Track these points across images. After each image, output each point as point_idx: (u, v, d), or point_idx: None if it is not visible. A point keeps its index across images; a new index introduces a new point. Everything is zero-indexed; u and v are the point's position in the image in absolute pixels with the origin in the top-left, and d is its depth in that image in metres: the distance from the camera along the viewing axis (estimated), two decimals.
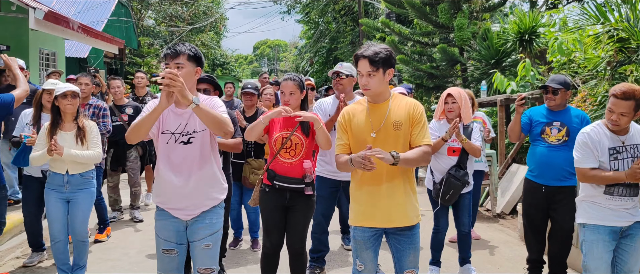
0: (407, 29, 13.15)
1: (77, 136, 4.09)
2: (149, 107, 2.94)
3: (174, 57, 2.85)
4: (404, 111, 2.94)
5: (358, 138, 2.95)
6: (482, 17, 11.98)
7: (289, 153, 3.63)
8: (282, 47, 69.74)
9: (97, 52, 16.40)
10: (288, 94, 3.70)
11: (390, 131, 2.91)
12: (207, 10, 29.35)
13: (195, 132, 2.92)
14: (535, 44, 9.29)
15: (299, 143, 3.63)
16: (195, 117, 2.90)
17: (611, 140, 3.19)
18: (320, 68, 30.91)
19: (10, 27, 10.12)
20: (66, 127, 4.11)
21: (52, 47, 12.38)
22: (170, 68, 2.80)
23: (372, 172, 2.79)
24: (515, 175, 7.13)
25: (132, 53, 21.38)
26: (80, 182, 4.15)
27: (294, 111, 3.66)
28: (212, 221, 3.00)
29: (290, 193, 3.66)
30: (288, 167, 3.63)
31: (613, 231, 3.21)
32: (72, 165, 4.10)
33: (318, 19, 31.46)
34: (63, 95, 4.05)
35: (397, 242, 3.01)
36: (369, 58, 2.83)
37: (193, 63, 2.90)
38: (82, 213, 4.18)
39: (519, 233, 5.91)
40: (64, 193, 4.12)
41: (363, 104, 3.03)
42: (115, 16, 18.02)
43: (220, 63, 37.60)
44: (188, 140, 2.91)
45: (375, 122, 2.94)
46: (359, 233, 3.01)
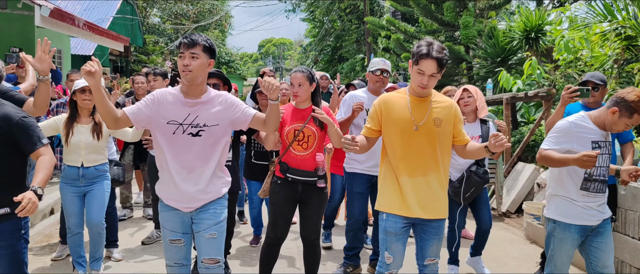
0: (412, 27, 13.11)
1: (93, 130, 4.15)
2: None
3: (190, 46, 2.83)
4: (443, 110, 3.00)
5: (398, 128, 2.99)
6: (488, 15, 11.92)
7: (302, 145, 3.63)
8: (287, 45, 69.80)
9: (103, 49, 16.45)
10: (297, 85, 3.67)
11: (431, 127, 2.96)
12: (212, 9, 29.41)
13: (205, 126, 2.90)
14: (541, 42, 9.22)
15: (311, 135, 3.64)
16: (207, 111, 2.90)
17: (596, 134, 3.17)
18: (325, 66, 30.90)
19: (17, 24, 10.16)
20: (83, 121, 4.18)
21: (58, 44, 12.42)
22: (184, 57, 2.82)
23: (412, 163, 2.94)
24: (521, 173, 7.10)
25: (138, 51, 21.44)
26: (95, 175, 4.21)
27: (302, 103, 3.69)
28: (216, 210, 3.00)
29: (303, 186, 3.67)
30: (301, 160, 3.63)
31: (583, 229, 3.22)
32: (87, 158, 4.15)
33: (323, 18, 31.46)
34: (81, 90, 4.10)
35: (423, 232, 3.05)
36: (439, 61, 2.83)
37: (207, 54, 2.88)
38: (98, 205, 4.22)
39: (525, 232, 5.88)
40: (79, 187, 4.17)
41: (403, 95, 3.05)
42: (121, 14, 18.06)
43: (225, 61, 37.64)
44: (197, 133, 2.89)
45: (418, 116, 2.98)
46: (391, 223, 3.02)
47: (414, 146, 2.96)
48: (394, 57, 15.55)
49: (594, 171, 3.17)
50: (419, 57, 2.86)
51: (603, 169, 3.19)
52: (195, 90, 2.91)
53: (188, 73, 2.82)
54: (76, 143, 4.11)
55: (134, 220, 6.51)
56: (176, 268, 3.04)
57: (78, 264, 4.28)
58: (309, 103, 3.73)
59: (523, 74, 7.86)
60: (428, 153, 2.97)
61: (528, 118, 9.14)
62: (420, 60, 2.85)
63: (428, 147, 2.97)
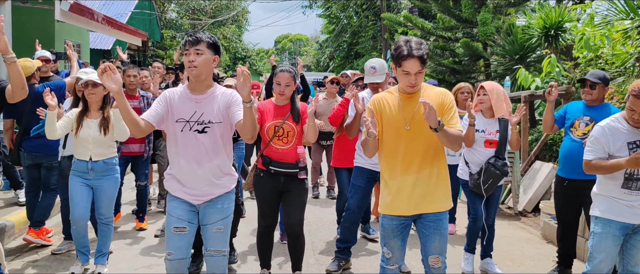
0: (429, 23, 13.01)
1: (100, 125, 4.18)
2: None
3: (194, 44, 2.94)
4: (434, 100, 2.96)
5: (391, 128, 2.99)
6: (507, 12, 11.78)
7: (282, 140, 3.85)
8: (303, 41, 69.76)
9: (121, 44, 16.61)
10: (284, 85, 3.85)
11: (421, 121, 2.92)
12: (229, 4, 29.50)
13: (210, 123, 3.02)
14: (561, 39, 9.09)
15: (291, 131, 3.85)
16: (212, 107, 3.01)
17: (631, 134, 3.19)
18: (341, 63, 30.85)
19: (37, 18, 10.30)
20: (92, 115, 4.23)
21: (77, 38, 12.57)
22: (189, 54, 2.92)
23: (405, 161, 2.93)
24: (538, 172, 7.01)
25: (155, 45, 21.61)
26: (104, 169, 4.24)
27: (286, 100, 3.89)
28: (224, 205, 3.13)
29: (285, 178, 3.87)
30: (282, 153, 3.84)
31: (624, 227, 3.25)
32: (95, 151, 4.19)
33: (340, 14, 31.38)
34: (84, 84, 4.15)
35: (423, 227, 3.05)
36: (421, 58, 2.82)
37: (211, 51, 2.99)
38: (107, 199, 4.29)
39: (542, 231, 5.82)
40: (88, 180, 4.22)
41: (394, 93, 3.05)
42: (139, 9, 18.21)
43: (241, 57, 37.77)
44: (203, 130, 3.01)
45: (407, 114, 2.96)
46: (387, 221, 3.07)
47: (406, 144, 2.96)
48: None
49: (635, 170, 3.18)
50: (400, 58, 2.83)
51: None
52: (201, 86, 3.03)
53: (193, 69, 2.95)
54: (84, 137, 4.16)
55: (149, 212, 6.57)
56: (175, 262, 3.05)
57: (81, 254, 4.33)
58: (288, 101, 3.94)
59: (542, 72, 7.76)
60: (421, 150, 2.96)
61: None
62: (402, 62, 2.83)
63: (420, 143, 2.95)
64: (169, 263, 3.06)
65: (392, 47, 2.93)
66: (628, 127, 3.19)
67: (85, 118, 4.20)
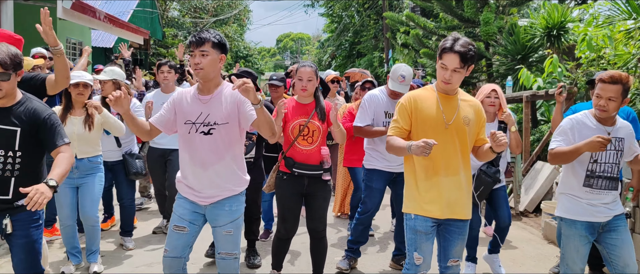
0: (431, 23, 12.98)
1: (85, 121, 4.20)
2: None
3: (199, 44, 2.88)
4: (471, 108, 2.98)
5: (428, 126, 2.93)
6: (510, 12, 11.75)
7: (307, 140, 3.70)
8: (305, 40, 69.71)
9: (123, 42, 16.61)
10: (306, 80, 3.70)
11: (460, 125, 2.93)
12: (231, 3, 29.48)
13: (216, 124, 2.95)
14: (563, 39, 9.06)
15: (316, 130, 3.70)
16: (218, 108, 2.94)
17: (597, 130, 3.16)
18: (343, 62, 30.79)
19: (39, 16, 10.26)
20: (76, 113, 4.23)
21: (79, 36, 12.58)
22: (195, 55, 2.87)
23: (442, 162, 2.89)
24: (540, 172, 6.99)
25: (157, 44, 21.61)
26: (89, 167, 4.23)
27: (306, 98, 3.75)
28: (232, 208, 3.04)
29: (309, 180, 3.73)
30: (306, 154, 3.69)
31: (590, 226, 3.19)
32: (80, 149, 4.17)
33: (341, 13, 31.32)
34: (75, 84, 4.14)
35: (447, 232, 3.01)
36: (461, 55, 2.78)
37: (217, 50, 2.92)
38: (92, 199, 4.23)
39: (543, 232, 5.80)
40: (72, 179, 4.17)
41: (431, 92, 2.99)
42: (141, 7, 18.20)
43: (243, 55, 37.73)
44: (208, 131, 2.94)
45: (448, 114, 2.93)
46: (421, 223, 2.96)
47: (443, 144, 2.90)
48: (412, 52, 15.44)
49: (597, 167, 3.15)
50: (442, 50, 2.83)
51: (608, 165, 3.16)
52: (209, 86, 2.98)
53: (200, 71, 2.89)
54: (69, 134, 4.00)
55: (151, 211, 6.57)
56: (169, 259, 3.02)
57: (72, 255, 4.31)
58: (312, 98, 3.78)
59: (544, 72, 7.73)
60: (456, 152, 2.94)
61: (548, 117, 9.01)
62: (443, 54, 2.82)
63: (457, 146, 2.94)
64: (165, 259, 3.04)
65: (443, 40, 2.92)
66: (596, 124, 3.17)
67: (69, 116, 4.18)
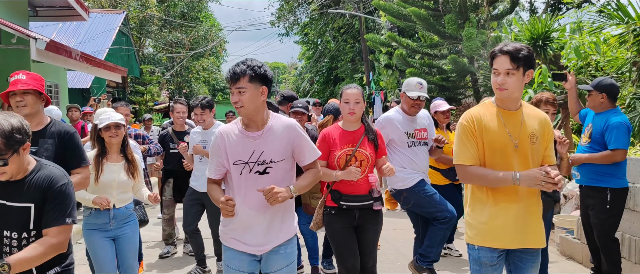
0: (414, 42, 12.98)
1: (127, 169, 3.82)
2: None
3: (234, 81, 2.59)
4: (537, 123, 2.68)
5: (496, 148, 2.63)
6: (490, 26, 11.80)
7: None
8: (280, 69, 69.90)
9: (100, 81, 16.25)
10: (353, 103, 3.44)
11: (527, 144, 2.62)
12: (206, 35, 29.34)
13: (272, 162, 2.67)
14: (549, 49, 9.07)
15: (364, 159, 3.43)
16: (271, 144, 2.67)
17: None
18: (322, 87, 30.79)
19: (12, 60, 9.91)
20: (113, 158, 3.83)
21: (55, 78, 12.19)
22: (233, 94, 2.61)
23: (510, 187, 2.59)
24: None
25: (134, 81, 21.26)
26: (126, 215, 3.85)
27: (354, 124, 3.51)
28: (287, 251, 2.77)
29: (359, 212, 3.45)
30: (354, 185, 3.41)
31: None
32: (119, 198, 3.80)
33: (317, 39, 31.44)
34: (106, 127, 3.74)
35: (519, 260, 2.70)
36: (511, 54, 2.54)
37: (257, 83, 2.61)
38: (132, 249, 3.88)
39: (559, 247, 5.59)
40: (109, 231, 3.78)
41: (491, 109, 2.70)
42: (116, 45, 17.91)
43: (221, 88, 37.51)
44: (264, 170, 2.66)
45: (514, 132, 2.63)
46: (486, 254, 2.66)
47: (512, 167, 2.60)
48: (396, 72, 15.39)
49: None
50: (491, 57, 2.65)
51: None
52: (256, 121, 2.69)
53: (241, 110, 2.63)
54: (108, 182, 3.73)
55: (177, 257, 6.06)
56: None
57: None
58: (359, 124, 3.52)
59: (533, 83, 7.65)
60: None
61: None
62: (493, 61, 2.63)
63: (527, 167, 2.61)
64: None
65: None
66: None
67: (106, 162, 3.78)
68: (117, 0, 23.35)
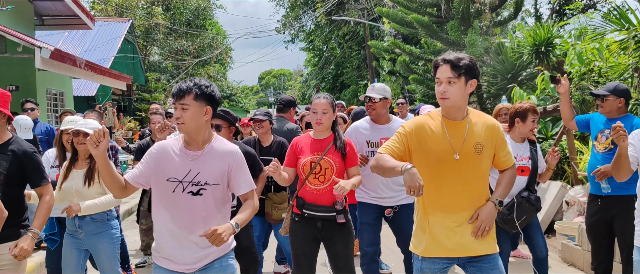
0: (417, 49, 12.99)
1: (85, 176, 3.73)
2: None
3: (179, 97, 2.56)
4: (483, 131, 2.65)
5: (436, 158, 2.63)
6: (493, 32, 11.79)
7: (319, 178, 3.42)
8: (286, 76, 70.07)
9: (105, 89, 16.36)
10: (320, 112, 3.45)
11: (471, 154, 2.61)
12: (212, 43, 29.48)
13: (207, 184, 2.61)
14: (552, 55, 9.05)
15: (329, 167, 3.42)
16: (209, 166, 2.61)
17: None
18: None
19: (17, 68, 10.03)
20: (79, 165, 3.80)
21: (60, 86, 12.30)
22: (177, 109, 2.56)
23: (452, 197, 2.61)
24: (547, 191, 6.78)
25: (140, 89, 21.38)
26: (94, 227, 3.76)
27: (323, 132, 3.52)
28: (223, 264, 2.68)
29: (322, 223, 3.44)
30: (317, 194, 3.42)
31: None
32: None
33: (322, 46, 31.52)
34: (75, 132, 3.73)
35: (477, 269, 2.67)
36: (451, 63, 2.56)
37: (202, 101, 2.57)
38: (107, 260, 3.80)
39: (560, 254, 5.55)
40: (79, 239, 3.76)
41: (436, 119, 2.70)
42: (122, 53, 18.04)
43: (226, 95, 37.64)
44: (198, 192, 2.60)
45: (456, 143, 2.61)
46: (429, 265, 2.66)
47: (453, 177, 2.61)
48: (400, 79, 15.40)
49: None
50: (433, 68, 2.68)
51: None
52: (197, 141, 2.64)
53: (181, 126, 2.58)
54: (67, 189, 3.71)
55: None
56: None
57: None
58: (329, 132, 3.53)
59: (536, 89, 7.64)
60: (469, 184, 2.63)
61: (546, 134, 8.88)
62: (436, 71, 2.64)
63: (469, 178, 2.62)
64: None
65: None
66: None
67: (73, 169, 3.77)
68: (122, 8, 23.52)
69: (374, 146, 4.06)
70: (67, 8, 11.14)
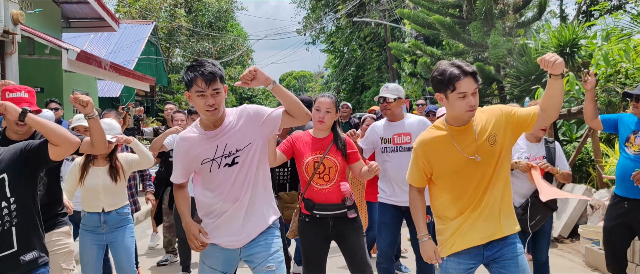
0: (438, 50, 12.90)
1: (110, 173, 3.87)
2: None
3: (211, 81, 2.51)
4: (488, 120, 2.63)
5: (451, 171, 2.63)
6: (517, 34, 11.65)
7: (323, 178, 3.43)
8: (307, 77, 70.18)
9: (129, 90, 16.61)
10: (324, 111, 3.47)
11: (487, 149, 2.60)
12: (233, 44, 29.71)
13: (238, 151, 2.65)
14: (577, 56, 8.91)
15: (332, 166, 3.43)
16: (232, 136, 2.65)
17: None
18: (348, 96, 30.80)
19: (45, 70, 10.25)
20: (99, 163, 3.91)
21: (85, 87, 12.53)
22: (206, 96, 2.54)
23: (469, 199, 2.62)
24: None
25: (163, 90, 21.65)
26: (118, 221, 3.91)
27: (324, 131, 3.52)
28: (268, 241, 2.72)
29: (334, 221, 3.45)
30: (325, 194, 3.43)
31: None
32: (107, 202, 3.87)
33: (343, 48, 31.51)
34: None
35: (496, 263, 2.64)
36: (474, 74, 2.53)
37: (223, 83, 2.61)
38: (126, 253, 3.93)
39: (584, 258, 5.46)
40: (100, 235, 3.87)
41: (439, 131, 2.68)
42: (145, 55, 18.30)
43: (247, 97, 37.86)
44: (233, 161, 2.65)
45: (466, 148, 2.60)
46: (454, 266, 2.65)
47: (468, 181, 2.61)
48: (420, 81, 15.32)
49: None
50: (454, 80, 2.50)
51: None
52: (217, 121, 2.68)
53: (214, 112, 2.58)
54: (93, 186, 3.82)
55: (178, 265, 6.17)
56: None
57: None
58: (329, 132, 3.55)
59: None
60: (484, 181, 2.60)
61: (570, 136, 8.74)
62: (456, 84, 2.50)
63: (485, 175, 2.60)
64: None
65: (435, 73, 2.58)
66: None
67: (91, 166, 3.87)
68: (146, 11, 23.87)
69: (387, 142, 4.13)
70: (93, 11, 11.34)
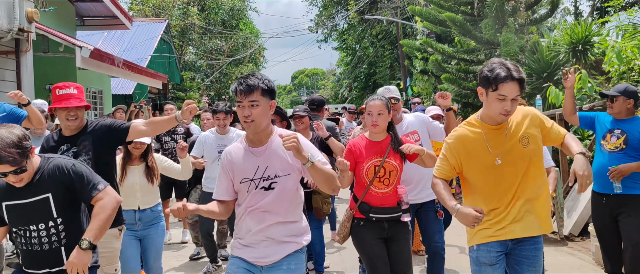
0: (450, 47, 12.84)
1: (146, 174, 4.10)
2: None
3: (248, 93, 2.52)
4: (524, 122, 2.67)
5: (481, 168, 2.69)
6: (529, 31, 11.55)
7: (383, 182, 3.38)
8: (319, 75, 70.16)
9: (142, 88, 16.75)
10: (376, 114, 3.41)
11: (518, 150, 2.64)
12: (245, 42, 29.82)
13: (277, 177, 2.63)
14: (589, 54, 8.81)
15: (393, 170, 3.39)
16: (275, 159, 2.64)
17: None
18: (360, 93, 30.76)
19: (58, 67, 10.39)
20: (135, 163, 4.14)
21: (99, 85, 12.67)
22: (244, 107, 2.55)
23: (500, 198, 2.66)
24: (581, 194, 6.62)
25: (175, 88, 21.80)
26: (152, 218, 4.11)
27: (380, 134, 3.46)
28: (290, 266, 2.66)
29: (388, 224, 3.44)
30: (383, 197, 3.40)
31: None
32: (143, 200, 4.07)
33: (355, 45, 31.46)
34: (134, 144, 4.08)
35: (516, 263, 2.71)
36: (521, 82, 2.54)
37: (267, 97, 2.59)
38: (156, 250, 4.14)
39: (594, 257, 5.43)
40: (136, 231, 4.05)
41: (472, 128, 2.73)
42: (158, 52, 18.44)
43: None
44: (269, 186, 2.63)
45: (496, 147, 2.65)
46: (484, 253, 2.70)
47: (499, 180, 2.66)
48: (432, 78, 15.26)
49: None
50: (497, 80, 2.53)
51: None
52: (260, 137, 2.66)
53: (250, 124, 2.57)
54: (131, 185, 4.01)
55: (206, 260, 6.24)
56: None
57: None
58: (386, 134, 3.49)
59: None
60: (516, 181, 2.66)
61: (582, 134, 8.67)
62: (500, 84, 2.52)
63: (516, 175, 2.65)
64: None
65: (485, 69, 2.60)
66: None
67: (129, 166, 4.08)
68: (159, 9, 24.04)
69: None
70: (107, 9, 11.48)
